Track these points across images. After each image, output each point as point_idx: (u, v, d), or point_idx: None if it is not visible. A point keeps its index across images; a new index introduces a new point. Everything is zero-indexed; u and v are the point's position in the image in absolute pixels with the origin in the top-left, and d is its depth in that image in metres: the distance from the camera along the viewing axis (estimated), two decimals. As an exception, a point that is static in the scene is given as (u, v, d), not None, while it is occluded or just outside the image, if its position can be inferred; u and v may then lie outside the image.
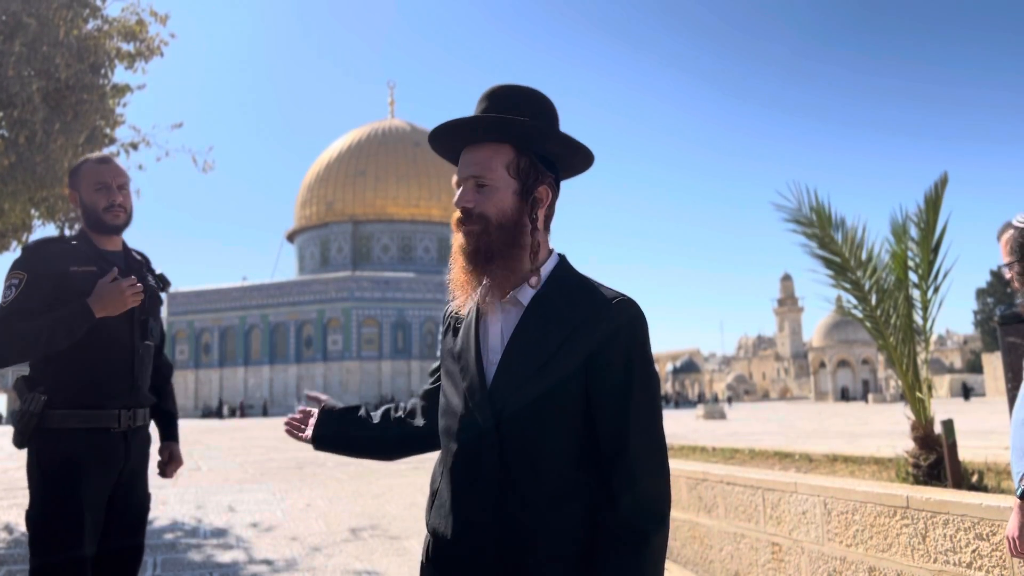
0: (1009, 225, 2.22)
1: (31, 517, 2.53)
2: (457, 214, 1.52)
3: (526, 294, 1.47)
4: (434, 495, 1.55)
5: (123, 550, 2.68)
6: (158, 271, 3.02)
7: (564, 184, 1.61)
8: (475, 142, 1.52)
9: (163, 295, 3.04)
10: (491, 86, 1.57)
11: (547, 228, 1.55)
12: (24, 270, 2.58)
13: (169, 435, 3.09)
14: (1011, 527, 2.11)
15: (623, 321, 1.42)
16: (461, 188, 1.51)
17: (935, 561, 3.29)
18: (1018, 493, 2.07)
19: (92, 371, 2.61)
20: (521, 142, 1.50)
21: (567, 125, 1.56)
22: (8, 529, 7.10)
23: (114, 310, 2.58)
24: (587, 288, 1.49)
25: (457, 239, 1.51)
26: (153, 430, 2.93)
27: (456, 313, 1.60)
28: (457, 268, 1.51)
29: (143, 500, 2.80)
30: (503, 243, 1.46)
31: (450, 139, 1.55)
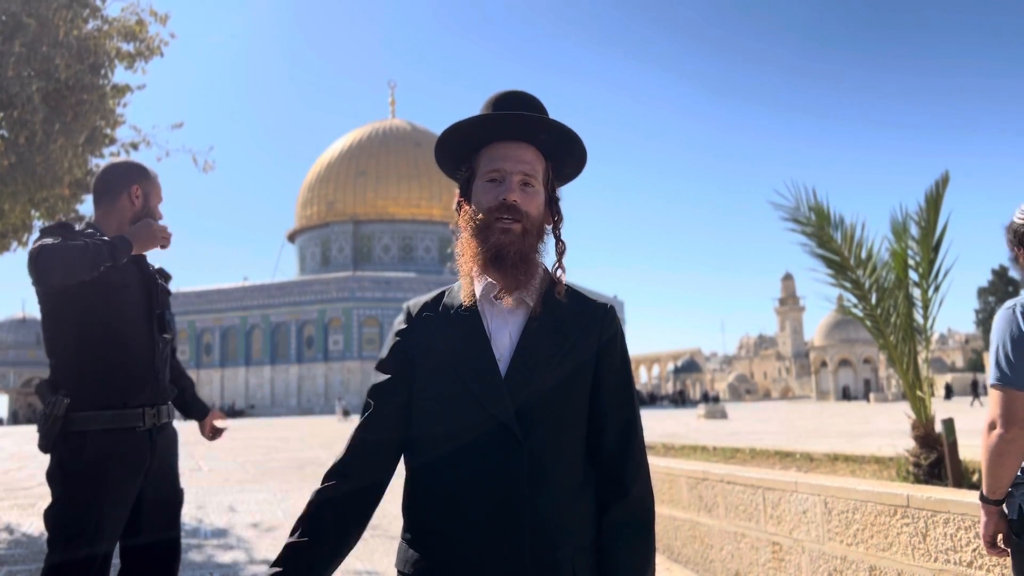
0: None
1: (51, 516, 2.53)
2: (487, 204, 1.48)
3: (531, 296, 1.51)
4: (414, 501, 1.48)
5: (157, 544, 2.70)
6: (156, 266, 3.01)
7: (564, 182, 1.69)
8: (518, 140, 1.51)
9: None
10: (507, 90, 1.56)
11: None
12: (59, 235, 2.58)
13: (202, 411, 3.21)
14: (981, 529, 2.27)
15: (618, 325, 1.57)
16: (504, 181, 1.49)
17: (935, 560, 3.28)
18: (979, 496, 2.26)
19: (114, 369, 2.60)
20: (562, 158, 1.57)
21: (567, 122, 1.55)
22: (9, 529, 7.10)
23: (143, 247, 2.62)
24: (579, 293, 1.58)
25: (487, 231, 1.47)
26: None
27: (426, 314, 1.55)
28: (471, 259, 1.49)
29: (173, 496, 2.81)
30: (532, 247, 1.50)
31: (492, 131, 1.51)
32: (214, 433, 3.30)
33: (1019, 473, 2.15)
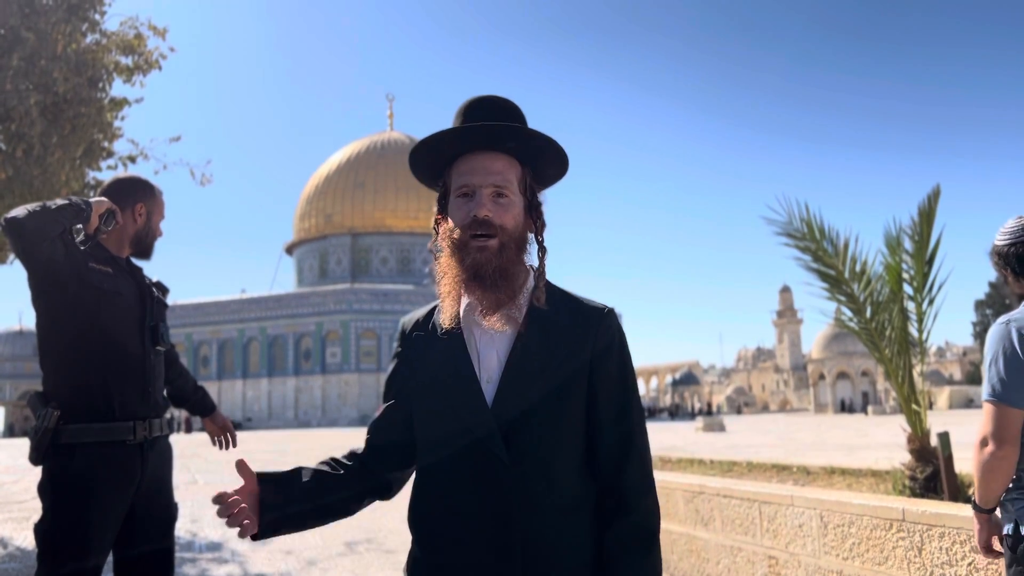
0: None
1: (40, 530, 2.52)
2: (452, 222, 1.44)
3: (519, 310, 1.44)
4: (414, 521, 1.48)
5: (149, 555, 2.70)
6: (154, 279, 3.02)
7: (564, 196, 1.64)
8: (487, 150, 1.45)
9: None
10: (478, 96, 1.50)
11: None
12: None
13: (207, 409, 3.23)
14: (975, 536, 2.32)
15: (616, 330, 1.47)
16: (475, 196, 1.43)
17: (931, 574, 3.28)
18: (971, 505, 2.30)
19: (105, 381, 2.59)
20: (540, 161, 1.50)
21: (564, 136, 1.53)
22: (3, 544, 7.06)
23: (97, 210, 2.61)
24: (573, 299, 1.50)
25: (463, 250, 1.42)
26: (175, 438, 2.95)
27: (416, 333, 1.53)
28: (452, 279, 1.44)
29: (167, 509, 2.80)
30: (512, 260, 1.43)
31: (457, 144, 1.46)
32: (221, 437, 3.25)
33: (1010, 486, 2.16)
